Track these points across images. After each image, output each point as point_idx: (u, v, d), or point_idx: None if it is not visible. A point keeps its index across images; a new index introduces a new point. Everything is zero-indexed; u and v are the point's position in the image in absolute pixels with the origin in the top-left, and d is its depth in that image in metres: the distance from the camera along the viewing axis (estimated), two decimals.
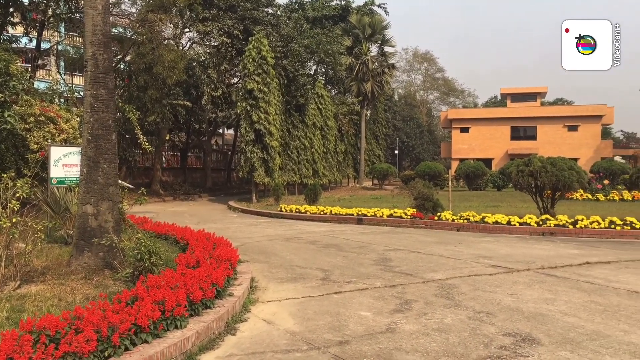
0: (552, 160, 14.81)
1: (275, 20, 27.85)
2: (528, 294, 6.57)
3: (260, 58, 24.05)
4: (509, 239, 12.13)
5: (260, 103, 23.80)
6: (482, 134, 53.80)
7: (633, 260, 9.09)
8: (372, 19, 39.46)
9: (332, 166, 35.40)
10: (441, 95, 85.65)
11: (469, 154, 52.36)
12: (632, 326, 5.19)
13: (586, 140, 51.14)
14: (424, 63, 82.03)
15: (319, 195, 20.91)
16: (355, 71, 38.65)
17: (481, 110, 62.62)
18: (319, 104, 32.45)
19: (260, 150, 24.28)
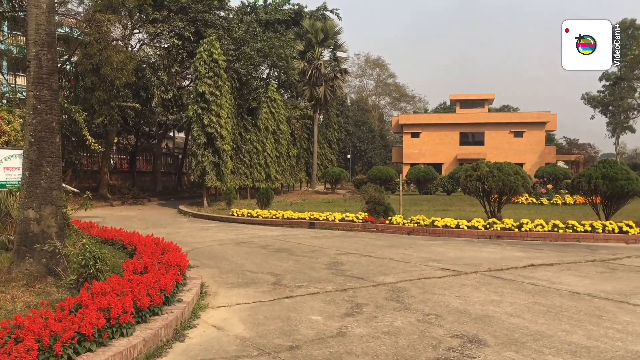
0: (498, 165, 15.20)
1: (227, 23, 27.61)
2: (475, 296, 6.71)
3: (212, 61, 23.81)
4: (458, 242, 12.37)
5: (212, 106, 23.56)
6: (433, 139, 54.81)
7: (574, 262, 9.41)
8: (325, 24, 39.71)
9: (285, 170, 35.34)
10: (393, 101, 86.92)
11: (420, 158, 53.24)
12: (573, 326, 5.36)
13: (531, 146, 52.79)
14: (375, 68, 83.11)
15: (271, 199, 20.82)
16: (308, 75, 38.79)
17: (431, 115, 63.81)
18: (271, 108, 32.37)
19: (211, 154, 24.01)
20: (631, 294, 6.84)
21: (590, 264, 9.19)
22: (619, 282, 7.64)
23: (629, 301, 6.44)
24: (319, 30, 39.01)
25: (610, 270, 8.64)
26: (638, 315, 5.78)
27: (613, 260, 9.60)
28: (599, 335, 5.06)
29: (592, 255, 10.27)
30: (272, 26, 37.31)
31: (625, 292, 6.95)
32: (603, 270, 8.63)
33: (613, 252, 10.64)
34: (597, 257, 9.94)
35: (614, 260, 9.61)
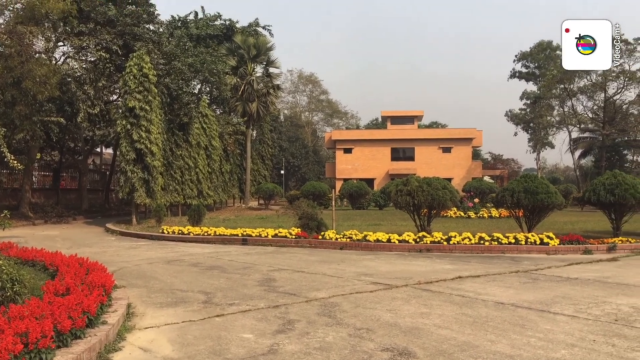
0: (427, 180, 15.61)
1: (157, 37, 27.11)
2: (405, 309, 6.81)
3: (142, 75, 23.29)
4: (389, 256, 12.56)
5: (141, 121, 22.99)
6: (365, 155, 55.67)
7: (499, 273, 9.75)
8: (257, 40, 39.73)
9: (218, 186, 34.88)
10: (325, 117, 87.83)
11: (352, 174, 53.90)
12: (498, 336, 5.53)
13: (459, 161, 54.56)
14: (308, 85, 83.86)
15: (203, 216, 20.47)
16: (241, 91, 38.61)
17: (363, 131, 64.86)
18: (203, 124, 31.95)
19: (141, 170, 23.38)
20: (552, 302, 7.14)
21: (514, 275, 9.54)
22: (540, 291, 7.96)
23: (549, 310, 6.72)
24: (252, 46, 38.97)
25: (532, 280, 9.00)
26: (558, 324, 6.03)
27: (535, 271, 10.02)
28: (522, 344, 5.24)
29: (516, 266, 10.68)
30: (204, 41, 36.98)
31: (546, 301, 7.25)
32: (526, 280, 8.98)
33: (535, 263, 11.11)
34: (521, 268, 10.34)
35: (536, 271, 10.02)
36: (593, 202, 15.93)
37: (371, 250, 13.72)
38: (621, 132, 51.16)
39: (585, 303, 7.11)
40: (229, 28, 40.46)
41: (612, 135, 51.45)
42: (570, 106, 54.46)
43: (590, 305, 6.95)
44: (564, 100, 54.69)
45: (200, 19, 39.95)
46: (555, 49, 61.83)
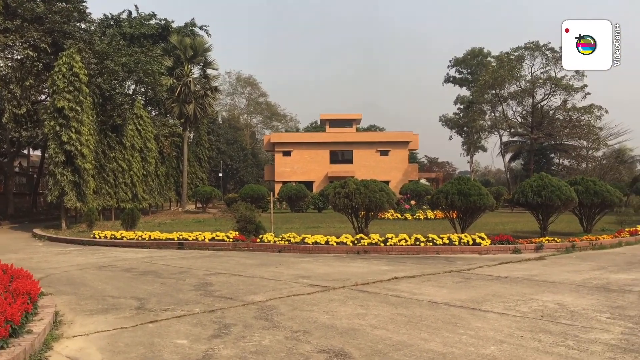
0: (365, 183, 15.80)
1: (88, 35, 26.22)
2: (342, 311, 6.85)
3: (72, 75, 22.45)
4: (327, 259, 12.62)
5: (71, 122, 22.15)
6: (304, 158, 55.79)
7: (434, 273, 9.97)
8: (194, 40, 39.14)
9: (153, 189, 34.08)
10: (264, 119, 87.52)
11: (292, 176, 53.91)
12: (432, 334, 5.65)
13: (396, 164, 55.55)
14: (247, 87, 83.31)
15: (137, 220, 19.94)
16: (177, 92, 37.92)
17: (303, 134, 65.03)
18: (138, 125, 31.14)
19: (71, 173, 22.52)
20: (483, 301, 7.37)
21: (448, 275, 9.79)
22: (472, 290, 8.20)
23: (480, 308, 6.92)
24: (188, 46, 38.35)
25: (465, 279, 9.26)
26: (488, 321, 6.22)
27: (468, 271, 10.31)
28: (454, 341, 5.37)
29: (450, 266, 10.95)
30: (138, 41, 36.08)
31: (477, 299, 7.47)
32: (459, 280, 9.23)
33: (468, 263, 11.43)
34: (454, 268, 10.61)
35: (469, 270, 10.32)
36: (522, 204, 16.56)
37: (309, 253, 13.74)
38: (548, 136, 53.49)
39: (514, 300, 7.37)
40: (165, 28, 39.64)
41: (539, 139, 53.74)
42: (501, 111, 56.51)
43: (518, 303, 7.21)
44: (495, 105, 56.67)
45: (134, 18, 38.94)
46: (486, 55, 64.02)
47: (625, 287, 8.45)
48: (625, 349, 5.07)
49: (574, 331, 5.73)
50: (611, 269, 10.45)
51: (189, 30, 40.91)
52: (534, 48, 52.29)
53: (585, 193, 16.94)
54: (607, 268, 10.62)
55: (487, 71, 55.43)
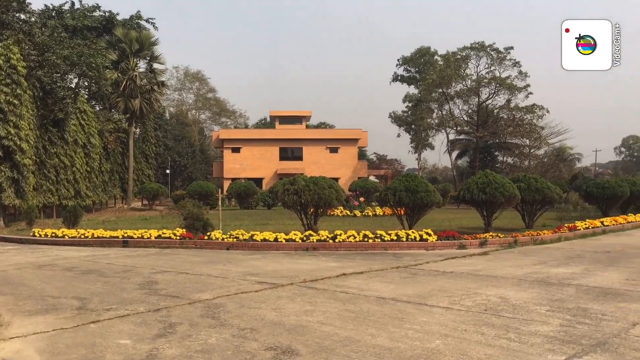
0: (314, 180, 15.82)
1: (28, 27, 25.22)
2: (290, 307, 6.83)
3: (10, 67, 21.58)
4: (276, 256, 12.57)
5: (9, 117, 21.30)
6: (253, 154, 55.42)
7: (382, 269, 10.07)
8: (140, 33, 38.27)
9: (97, 186, 33.17)
10: (213, 115, 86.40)
11: (241, 173, 53.46)
12: (379, 329, 5.69)
13: (345, 161, 55.88)
14: (195, 82, 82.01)
15: (80, 218, 19.35)
16: (122, 87, 36.96)
17: (252, 131, 64.61)
18: (81, 120, 30.25)
19: (9, 169, 21.66)
20: (428, 296, 7.49)
21: (395, 271, 9.90)
22: (419, 285, 8.32)
23: (426, 303, 7.03)
24: (134, 40, 37.43)
25: (412, 275, 9.39)
26: (434, 315, 6.32)
27: (414, 266, 10.46)
28: (400, 336, 5.43)
29: (397, 262, 11.09)
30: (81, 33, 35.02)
31: (423, 294, 7.58)
32: (406, 275, 9.35)
33: (415, 259, 11.60)
34: (401, 264, 10.75)
35: (416, 266, 10.47)
36: (467, 200, 16.96)
37: (258, 250, 13.65)
38: (493, 134, 54.96)
39: (458, 295, 7.52)
40: (109, 20, 38.61)
41: (485, 138, 55.15)
42: (448, 109, 57.72)
43: (463, 297, 7.36)
44: (442, 104, 57.83)
45: (76, 9, 37.78)
46: (433, 54, 65.11)
47: (563, 280, 8.75)
48: (564, 340, 5.25)
49: (515, 324, 5.88)
50: (551, 264, 10.81)
51: (134, 23, 40.00)
52: (480, 48, 53.60)
53: (527, 190, 17.50)
54: (547, 262, 10.98)
55: (434, 70, 56.45)
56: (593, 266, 10.41)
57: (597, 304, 6.91)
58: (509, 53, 53.06)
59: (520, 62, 53.05)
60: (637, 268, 10.18)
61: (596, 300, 7.20)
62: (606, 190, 22.87)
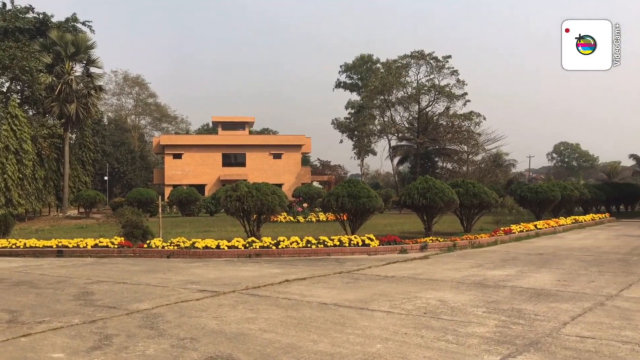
0: (257, 186, 15.74)
1: None
2: (232, 315, 6.75)
3: None
4: (218, 263, 12.41)
5: None
6: (195, 160, 54.64)
7: (324, 275, 10.11)
8: (76, 36, 37.09)
9: (30, 194, 31.85)
10: (153, 121, 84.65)
11: (182, 180, 52.59)
12: (320, 335, 5.70)
13: (289, 167, 55.91)
14: (135, 87, 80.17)
15: (12, 227, 18.52)
16: (57, 91, 35.68)
17: (194, 137, 63.69)
18: (13, 125, 29.02)
19: None
20: (370, 300, 7.56)
21: (338, 276, 9.96)
22: (360, 290, 8.40)
23: (368, 307, 7.10)
24: (69, 43, 36.23)
25: (354, 280, 9.47)
26: (375, 320, 6.39)
27: (357, 271, 10.55)
28: (342, 341, 5.46)
29: (340, 267, 11.15)
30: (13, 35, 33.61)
31: (365, 299, 7.65)
32: (348, 280, 9.42)
33: (357, 264, 11.70)
34: (344, 269, 10.82)
35: (358, 271, 10.57)
36: (409, 205, 17.28)
37: (200, 258, 13.44)
38: (433, 141, 56.23)
39: (399, 299, 7.63)
40: (43, 22, 37.22)
41: (425, 144, 56.34)
42: (389, 116, 58.63)
43: (403, 301, 7.48)
44: (384, 111, 58.71)
45: (8, 10, 36.25)
46: (375, 62, 66.16)
47: (499, 282, 9.03)
48: (499, 340, 5.41)
49: (453, 326, 6.02)
50: (488, 266, 11.14)
51: (70, 25, 38.71)
52: (419, 57, 54.79)
53: (466, 195, 17.98)
54: (484, 265, 11.31)
55: (375, 77, 57.31)
56: (527, 268, 10.80)
57: (530, 305, 7.16)
58: (447, 62, 54.53)
59: (458, 71, 54.62)
60: (568, 269, 10.63)
61: (529, 301, 7.46)
62: (539, 194, 23.81)
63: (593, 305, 7.15)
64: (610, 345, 5.20)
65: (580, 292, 8.10)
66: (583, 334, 5.66)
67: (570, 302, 7.37)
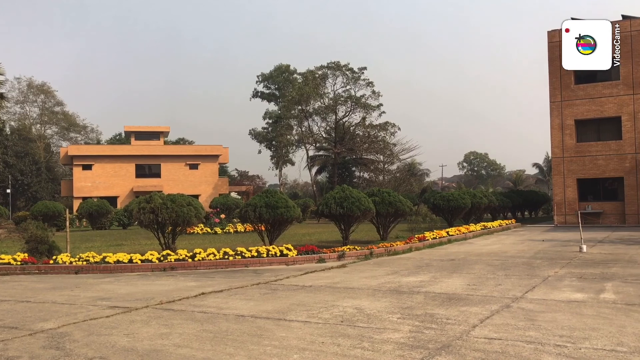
0: (172, 197, 15.36)
1: None
2: (145, 332, 6.51)
3: None
4: (131, 278, 11.96)
5: None
6: (107, 172, 52.66)
7: (242, 286, 9.98)
8: None
9: None
10: (61, 130, 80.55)
11: (93, 192, 50.51)
12: (237, 348, 5.61)
13: (206, 178, 55.04)
14: (40, 95, 76.13)
15: None
16: None
17: (105, 147, 61.33)
18: None
19: None
20: (288, 310, 7.54)
21: (256, 287, 9.86)
22: (278, 301, 8.35)
23: (285, 318, 7.07)
24: None
25: (272, 291, 9.41)
26: (292, 330, 6.37)
27: (275, 282, 10.50)
28: (258, 353, 5.39)
29: (258, 278, 11.06)
30: None
31: (283, 310, 7.62)
32: (266, 291, 9.35)
33: (275, 274, 11.64)
34: (262, 280, 10.73)
35: (276, 282, 10.52)
36: (326, 215, 17.46)
37: (111, 273, 12.89)
38: (350, 151, 57.20)
39: (317, 308, 7.65)
40: None
41: (342, 154, 57.23)
42: (307, 126, 59.06)
43: (321, 310, 7.51)
44: (301, 121, 59.07)
45: None
46: (292, 72, 66.54)
47: (414, 288, 9.28)
48: (413, 345, 5.54)
49: (369, 333, 6.11)
50: (403, 273, 11.42)
51: None
52: (336, 68, 55.72)
53: (382, 203, 18.39)
54: (399, 272, 11.58)
55: (293, 87, 57.66)
56: (439, 274, 11.17)
57: (442, 309, 7.40)
58: (363, 73, 55.77)
59: (373, 83, 55.96)
60: (477, 274, 11.09)
61: (442, 305, 7.70)
62: (451, 202, 24.75)
63: (500, 307, 7.48)
64: (515, 346, 5.46)
65: (489, 296, 8.46)
66: (491, 335, 5.91)
67: (479, 305, 7.68)
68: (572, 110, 30.30)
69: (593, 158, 29.91)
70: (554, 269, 11.57)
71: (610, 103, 29.55)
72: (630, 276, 10.39)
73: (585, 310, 7.26)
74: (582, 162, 30.17)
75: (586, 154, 30.09)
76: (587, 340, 5.66)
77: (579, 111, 30.24)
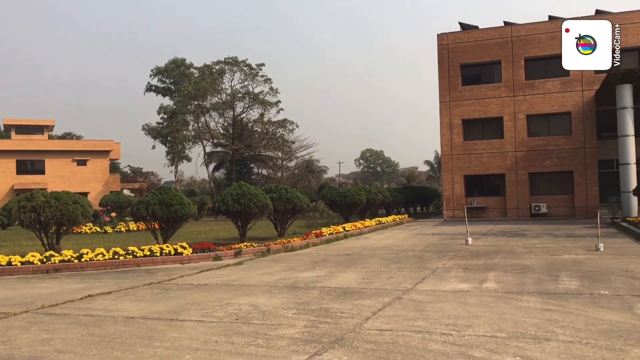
0: (56, 195, 14.47)
1: None
2: (23, 338, 6.06)
3: None
4: (10, 281, 11.11)
5: None
6: None
7: (132, 287, 9.58)
8: None
9: None
10: None
11: None
12: (125, 352, 5.35)
13: (95, 175, 52.45)
14: None
15: None
16: None
17: None
18: None
19: None
20: (181, 310, 7.32)
21: (148, 287, 9.50)
22: (171, 301, 8.10)
23: (178, 318, 6.86)
24: None
25: (164, 290, 9.10)
26: (185, 330, 6.19)
27: (168, 281, 10.18)
28: (148, 355, 5.18)
29: (150, 278, 10.67)
30: None
31: (176, 310, 7.39)
32: (159, 291, 9.03)
33: (169, 274, 11.29)
34: (154, 280, 10.36)
35: (169, 281, 10.20)
36: (223, 211, 17.19)
37: None
38: (248, 147, 56.73)
39: (211, 307, 7.49)
40: None
41: (240, 150, 56.64)
42: (204, 122, 57.89)
43: (215, 309, 7.36)
44: (198, 116, 57.76)
45: None
46: (189, 66, 64.79)
47: (310, 284, 9.35)
48: (307, 340, 5.57)
49: (264, 330, 6.07)
50: (299, 269, 11.48)
51: None
52: (233, 63, 55.01)
53: (279, 200, 18.40)
54: (296, 268, 11.63)
55: (189, 82, 56.28)
56: (335, 269, 11.35)
57: (337, 303, 7.51)
58: (261, 69, 55.53)
59: (271, 79, 55.86)
60: (371, 268, 11.38)
61: (337, 299, 7.82)
62: (347, 198, 25.25)
63: (392, 299, 7.72)
64: (405, 336, 5.64)
65: (382, 289, 8.70)
66: (382, 327, 6.07)
67: (373, 298, 7.88)
68: (460, 110, 32.00)
69: (478, 156, 31.76)
70: (442, 261, 12.12)
71: (493, 104, 31.53)
72: (510, 266, 11.10)
73: (470, 299, 7.66)
74: (468, 160, 31.94)
75: (472, 152, 31.89)
76: (470, 327, 5.96)
77: (465, 111, 31.99)
